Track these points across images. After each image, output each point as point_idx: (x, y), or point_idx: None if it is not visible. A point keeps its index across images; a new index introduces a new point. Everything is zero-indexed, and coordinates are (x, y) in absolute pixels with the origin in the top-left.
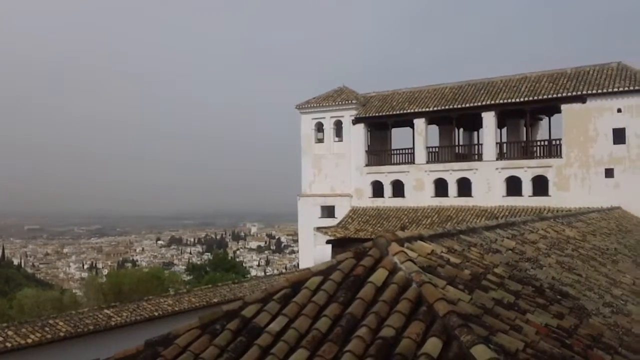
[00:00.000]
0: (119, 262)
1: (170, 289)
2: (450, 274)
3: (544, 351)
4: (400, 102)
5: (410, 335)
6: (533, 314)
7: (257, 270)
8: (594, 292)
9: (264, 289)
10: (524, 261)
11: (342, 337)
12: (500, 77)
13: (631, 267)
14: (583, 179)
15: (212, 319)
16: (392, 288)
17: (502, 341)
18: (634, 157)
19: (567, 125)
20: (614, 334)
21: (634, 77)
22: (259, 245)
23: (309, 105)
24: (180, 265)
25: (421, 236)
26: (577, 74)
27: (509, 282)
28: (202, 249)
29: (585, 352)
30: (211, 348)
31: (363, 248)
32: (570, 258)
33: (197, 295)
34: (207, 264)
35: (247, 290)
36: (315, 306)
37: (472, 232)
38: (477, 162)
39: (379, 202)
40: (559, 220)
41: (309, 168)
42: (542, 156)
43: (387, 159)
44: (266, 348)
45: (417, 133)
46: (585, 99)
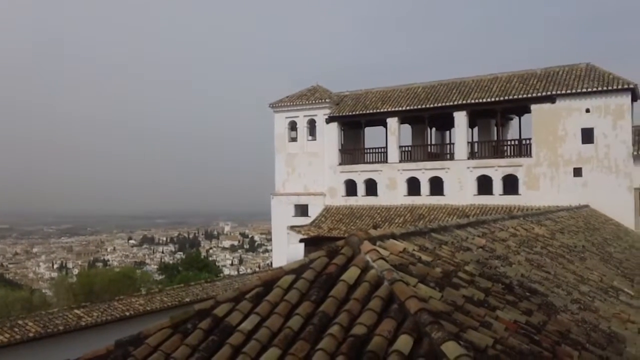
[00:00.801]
0: (90, 262)
1: (142, 289)
2: (421, 272)
3: (513, 347)
4: (373, 102)
5: (381, 332)
6: (502, 311)
7: (231, 269)
8: (562, 289)
9: (237, 288)
10: (494, 259)
11: (314, 335)
12: (472, 77)
13: (598, 264)
14: (552, 178)
15: (183, 318)
16: (364, 286)
17: (472, 338)
18: (601, 157)
19: (537, 125)
20: (581, 330)
21: (602, 78)
22: (233, 244)
23: (282, 104)
24: (152, 265)
25: (393, 234)
26: (547, 74)
27: (479, 279)
28: (175, 248)
29: (553, 348)
30: (182, 347)
31: (335, 246)
32: (539, 256)
33: (169, 295)
34: (179, 263)
35: (220, 289)
36: (288, 305)
37: (443, 230)
38: (449, 161)
39: (352, 200)
40: (528, 218)
41: (283, 167)
42: (513, 155)
43: (360, 158)
44: (238, 347)
45: (390, 132)
46: (555, 99)
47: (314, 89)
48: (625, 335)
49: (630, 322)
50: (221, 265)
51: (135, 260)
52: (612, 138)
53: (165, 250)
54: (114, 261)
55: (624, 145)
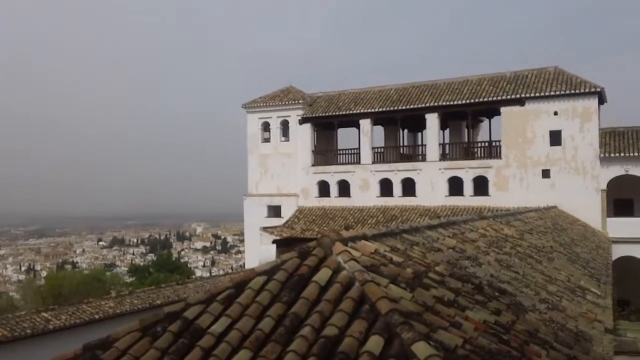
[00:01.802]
0: (59, 264)
1: (111, 291)
2: (392, 273)
3: (482, 347)
4: (346, 103)
5: (353, 333)
6: (472, 311)
7: (203, 270)
8: (531, 288)
9: (207, 290)
10: (464, 259)
11: (286, 337)
12: (443, 80)
13: (566, 264)
14: (521, 179)
15: (153, 321)
16: (336, 287)
17: (442, 338)
18: (569, 158)
19: (507, 127)
20: (549, 329)
21: (570, 81)
22: (205, 245)
23: (255, 105)
24: (122, 267)
25: (365, 235)
26: (516, 77)
27: (450, 279)
28: (146, 249)
29: (522, 347)
30: (152, 351)
31: (307, 248)
32: (509, 256)
33: (140, 297)
34: (150, 265)
35: (192, 291)
36: (259, 306)
37: (414, 231)
38: (421, 162)
39: (325, 201)
40: (498, 219)
41: (255, 168)
42: (483, 157)
43: (333, 159)
44: (208, 349)
45: (362, 133)
46: (524, 102)
47: (287, 89)
48: (592, 334)
49: (597, 322)
50: (193, 266)
51: (105, 262)
52: (580, 140)
53: (136, 252)
54: (83, 263)
55: (591, 147)
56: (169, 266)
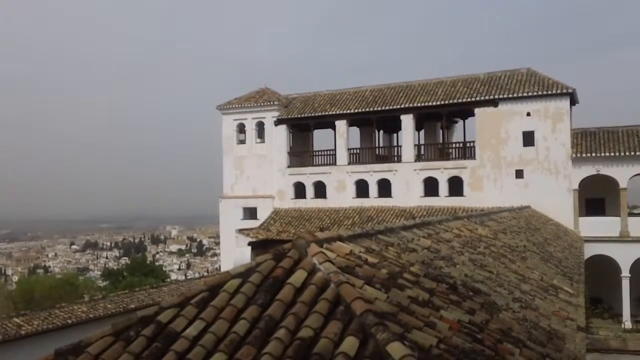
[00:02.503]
0: (30, 268)
1: (85, 296)
2: (367, 274)
3: (456, 346)
4: (321, 104)
5: (328, 335)
6: (446, 311)
7: (178, 274)
8: (504, 288)
9: (181, 293)
10: (438, 259)
11: (261, 339)
12: (418, 81)
13: (539, 263)
14: (495, 179)
15: (126, 325)
16: (311, 289)
17: (416, 338)
18: (542, 159)
19: (481, 128)
20: (522, 328)
21: (542, 82)
22: (180, 248)
23: (230, 106)
24: (95, 271)
25: (340, 237)
26: (490, 79)
27: (424, 280)
28: (120, 253)
29: (495, 346)
30: (125, 355)
31: (282, 249)
32: (483, 256)
33: (113, 301)
34: (124, 269)
35: (167, 294)
36: (234, 309)
37: (389, 232)
38: (397, 163)
39: (301, 203)
40: (472, 219)
41: (231, 169)
42: (458, 158)
43: (309, 160)
44: (183, 353)
45: (338, 135)
46: (497, 103)
47: (262, 91)
48: (564, 332)
49: (569, 320)
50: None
51: (78, 266)
52: (552, 141)
53: (110, 256)
54: (56, 267)
55: (563, 147)
56: (143, 270)
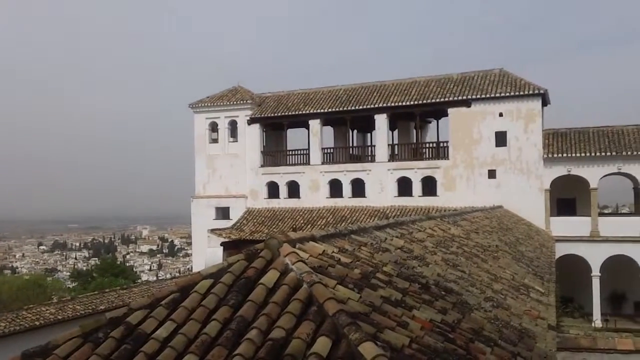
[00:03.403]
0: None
1: (53, 297)
2: (340, 274)
3: (428, 345)
4: (295, 103)
5: (300, 335)
6: (419, 310)
7: (149, 274)
8: (476, 287)
9: (152, 294)
10: (411, 259)
11: (232, 341)
12: (392, 81)
13: (511, 262)
14: (468, 179)
15: (94, 326)
16: (283, 289)
17: (389, 337)
18: (513, 159)
19: (454, 128)
20: (494, 327)
21: (515, 83)
22: (151, 248)
23: (202, 105)
24: (64, 272)
25: (313, 237)
26: (463, 79)
27: (397, 279)
28: (89, 253)
29: (467, 345)
30: (94, 357)
31: (255, 250)
32: (455, 255)
33: (83, 303)
34: (94, 270)
35: (137, 295)
36: (205, 310)
37: (363, 231)
38: (370, 163)
39: (275, 203)
40: (445, 219)
41: (203, 169)
42: (431, 158)
43: (282, 160)
44: (152, 355)
45: (312, 134)
46: (470, 104)
47: (235, 89)
48: (535, 331)
49: (540, 319)
50: (139, 270)
51: (46, 267)
52: (524, 141)
53: (79, 256)
54: (23, 268)
55: (535, 148)
56: (113, 270)
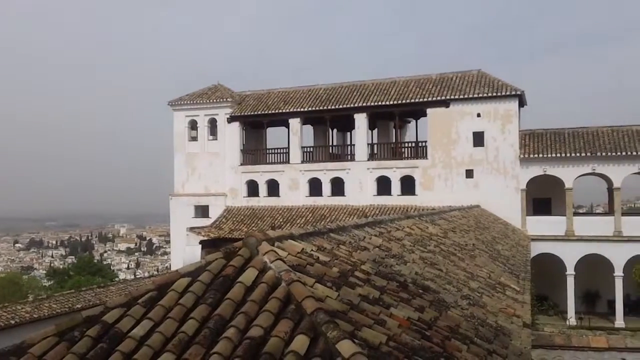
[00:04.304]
0: None
1: (29, 295)
2: (319, 272)
3: (405, 343)
4: (275, 102)
5: (278, 333)
6: (396, 308)
7: (127, 273)
8: (453, 285)
9: (128, 293)
10: (389, 257)
11: (210, 339)
12: (372, 81)
13: (487, 261)
14: (446, 179)
15: (70, 325)
16: (262, 287)
17: (366, 335)
18: (491, 159)
19: (432, 128)
20: (470, 325)
21: (492, 84)
22: (129, 247)
23: (182, 102)
24: (40, 270)
25: (292, 235)
26: (442, 79)
27: (375, 278)
28: (66, 251)
29: (443, 342)
30: (69, 356)
31: (233, 248)
32: (433, 254)
33: (59, 301)
34: (70, 268)
35: (114, 294)
36: (182, 309)
37: (341, 230)
38: (350, 162)
39: (254, 201)
40: (423, 218)
41: (182, 167)
42: (410, 157)
43: (262, 159)
44: (129, 354)
45: (292, 133)
46: (449, 104)
47: (215, 87)
48: (510, 329)
49: (515, 317)
50: (117, 269)
51: (22, 265)
52: (501, 141)
53: (55, 255)
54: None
55: (512, 148)
56: (90, 269)
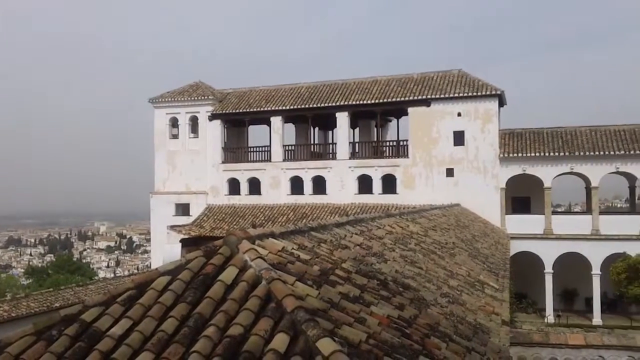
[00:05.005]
0: None
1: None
2: (299, 270)
3: (385, 341)
4: (257, 100)
5: (258, 332)
6: (377, 306)
7: (107, 271)
8: (433, 283)
9: (107, 292)
10: (370, 256)
11: (189, 338)
12: (354, 79)
13: (467, 259)
14: (427, 177)
15: (48, 324)
16: (242, 286)
17: (346, 333)
18: (471, 158)
19: (413, 127)
20: (449, 323)
21: (473, 84)
22: (109, 245)
23: (163, 100)
24: (19, 268)
25: (272, 233)
26: (423, 79)
27: (356, 276)
28: (45, 250)
29: (423, 340)
30: (47, 355)
31: (213, 246)
32: (413, 252)
33: (37, 300)
34: (49, 266)
35: (94, 293)
36: (162, 307)
37: (322, 228)
38: (331, 160)
39: (236, 199)
40: (404, 216)
41: (163, 164)
42: (391, 156)
43: (243, 157)
44: (107, 353)
45: (274, 131)
46: (430, 103)
47: (197, 85)
48: (489, 326)
49: (494, 314)
50: (96, 267)
51: (0, 264)
52: (481, 141)
53: (34, 253)
54: None
55: (492, 147)
56: (69, 267)
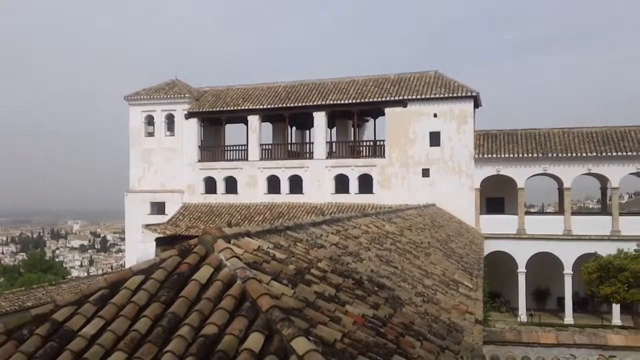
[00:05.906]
0: None
1: None
2: (275, 269)
3: (360, 340)
4: (234, 98)
5: (232, 331)
6: (352, 305)
7: (80, 270)
8: (408, 282)
9: (79, 291)
10: (346, 255)
11: (163, 337)
12: (331, 79)
13: (442, 259)
14: (403, 177)
15: (18, 323)
16: (217, 285)
17: (321, 333)
18: (447, 159)
19: (390, 128)
20: (424, 322)
21: (449, 85)
22: (82, 244)
23: (138, 97)
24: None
25: (248, 232)
26: (400, 79)
27: (331, 275)
28: (16, 248)
29: (397, 339)
30: (17, 355)
31: (188, 245)
32: (389, 252)
33: (8, 299)
34: (21, 265)
35: (66, 292)
36: (135, 306)
37: (298, 228)
38: (308, 160)
39: (212, 198)
40: (380, 216)
41: (138, 163)
42: (368, 156)
43: (220, 155)
44: (79, 352)
45: (251, 130)
46: (406, 104)
47: (173, 82)
48: (463, 325)
49: (468, 313)
50: (69, 266)
51: None
52: (456, 142)
53: (6, 251)
54: None
55: (467, 148)
56: (42, 266)
